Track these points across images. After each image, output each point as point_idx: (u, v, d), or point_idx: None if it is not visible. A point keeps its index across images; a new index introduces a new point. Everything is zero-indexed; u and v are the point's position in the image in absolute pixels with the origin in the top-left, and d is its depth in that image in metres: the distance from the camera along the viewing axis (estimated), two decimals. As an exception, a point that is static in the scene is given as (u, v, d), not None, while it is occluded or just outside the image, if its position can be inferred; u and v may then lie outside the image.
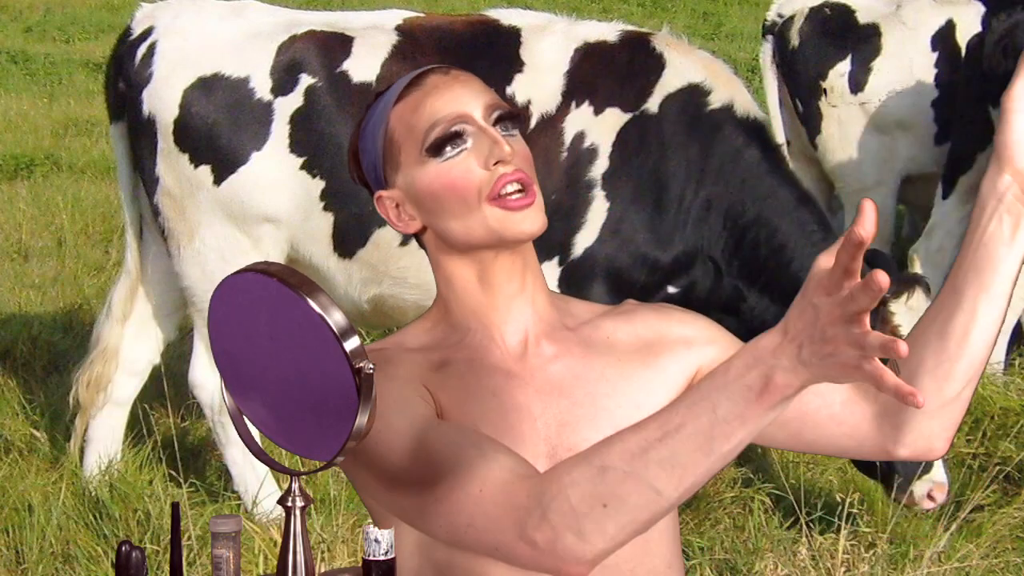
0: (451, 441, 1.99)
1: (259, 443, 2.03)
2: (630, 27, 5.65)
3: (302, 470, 1.94)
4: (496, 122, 2.13)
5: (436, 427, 2.03)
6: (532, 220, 2.11)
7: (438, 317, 2.22)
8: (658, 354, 2.21)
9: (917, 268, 7.11)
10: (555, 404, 2.15)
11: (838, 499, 5.07)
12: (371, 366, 1.89)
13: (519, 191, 2.10)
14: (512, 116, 2.14)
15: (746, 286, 5.33)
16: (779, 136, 7.12)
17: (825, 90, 7.69)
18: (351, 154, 2.23)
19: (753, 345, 1.73)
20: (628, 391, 2.16)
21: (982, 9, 7.48)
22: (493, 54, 5.38)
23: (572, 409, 2.15)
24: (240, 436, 2.00)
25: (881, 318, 5.11)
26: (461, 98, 2.14)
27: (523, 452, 2.09)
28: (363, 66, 5.39)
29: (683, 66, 5.43)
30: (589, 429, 2.12)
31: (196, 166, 5.39)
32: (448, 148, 2.11)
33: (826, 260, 1.66)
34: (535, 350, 2.18)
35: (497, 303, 2.18)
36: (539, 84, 5.37)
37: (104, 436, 5.77)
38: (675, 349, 2.21)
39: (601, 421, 2.13)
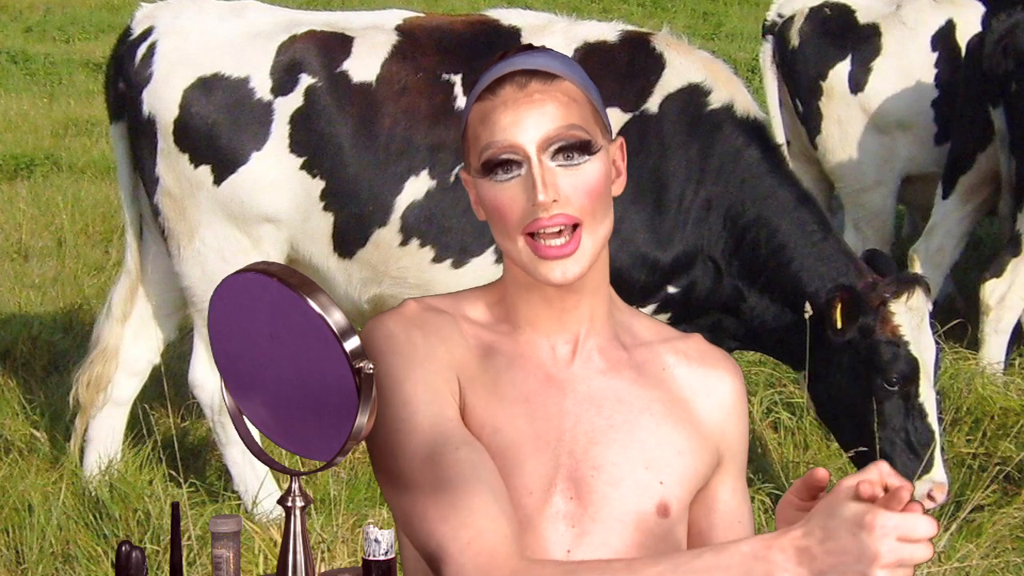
0: (466, 472, 1.98)
1: (259, 443, 2.04)
2: (630, 27, 5.65)
3: (302, 470, 1.94)
4: (556, 153, 2.07)
5: (457, 446, 2.01)
6: (564, 270, 2.06)
7: (498, 299, 2.19)
8: (702, 420, 2.19)
9: (917, 268, 7.11)
10: (590, 420, 2.13)
11: (838, 499, 5.05)
12: (371, 366, 1.89)
13: (558, 234, 2.06)
14: (577, 147, 2.07)
15: (746, 286, 5.33)
16: (779, 136, 7.12)
17: (825, 90, 7.69)
18: None
19: (768, 541, 1.79)
20: (671, 435, 2.14)
21: (982, 9, 7.48)
22: (493, 54, 5.37)
23: (606, 430, 2.12)
24: (240, 436, 2.00)
25: (881, 318, 5.11)
26: (521, 125, 2.07)
27: (543, 461, 2.09)
28: (363, 66, 5.39)
29: (683, 66, 5.43)
30: (618, 454, 2.11)
31: (196, 166, 5.39)
32: (500, 172, 2.08)
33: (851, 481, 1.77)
34: (584, 359, 2.15)
35: (550, 312, 2.15)
36: (539, 84, 5.37)
37: (104, 436, 5.76)
38: (712, 434, 2.19)
39: (632, 451, 2.12)
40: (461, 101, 5.33)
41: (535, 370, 2.14)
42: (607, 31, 5.52)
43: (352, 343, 1.88)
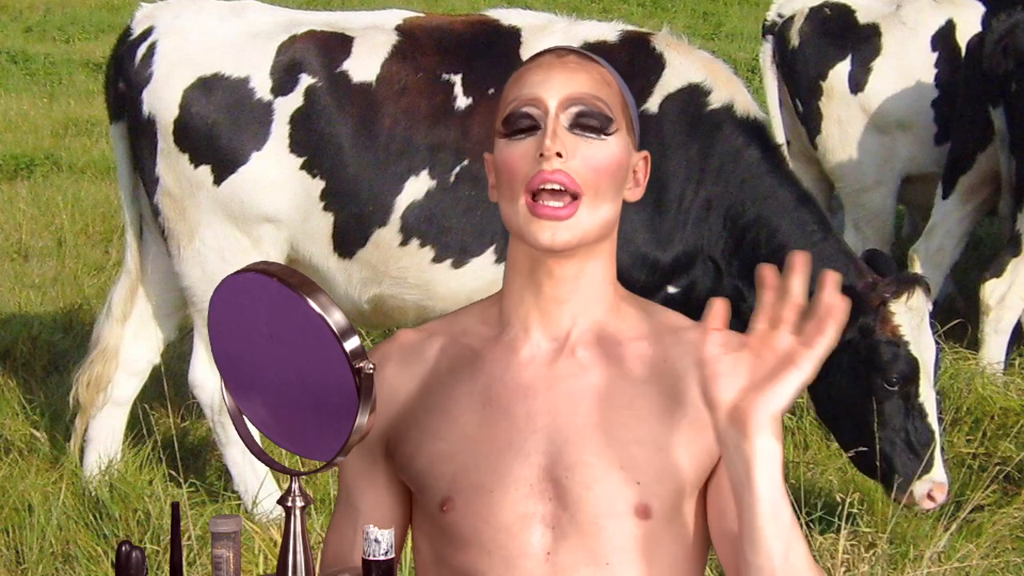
0: (332, 534, 2.20)
1: (259, 443, 2.04)
2: (630, 27, 5.65)
3: (302, 470, 1.95)
4: (575, 118, 2.07)
5: (342, 511, 2.19)
6: (554, 234, 2.05)
7: (495, 300, 2.20)
8: (699, 414, 2.08)
9: (917, 268, 7.11)
10: (566, 419, 2.09)
11: (838, 499, 5.07)
12: (371, 366, 1.89)
13: (560, 194, 2.05)
14: (596, 120, 2.08)
15: (746, 286, 5.32)
16: (779, 136, 7.12)
17: (825, 90, 7.69)
18: None
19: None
20: (654, 431, 2.09)
21: (982, 9, 7.48)
22: (493, 54, 5.38)
23: (582, 429, 2.08)
24: (240, 436, 2.00)
25: (881, 318, 5.11)
26: (548, 83, 2.09)
27: (503, 461, 2.08)
28: (363, 66, 5.39)
29: (683, 66, 5.43)
30: (591, 453, 2.07)
31: (196, 166, 5.39)
32: (517, 132, 2.08)
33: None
34: (568, 357, 2.12)
35: (540, 305, 2.13)
36: (539, 84, 5.36)
37: (104, 436, 5.76)
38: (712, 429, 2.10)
39: (609, 450, 2.07)
40: (461, 101, 5.33)
41: (505, 374, 2.12)
42: (607, 31, 5.52)
43: (352, 343, 1.88)
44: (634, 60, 5.44)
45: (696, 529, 2.11)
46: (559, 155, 2.04)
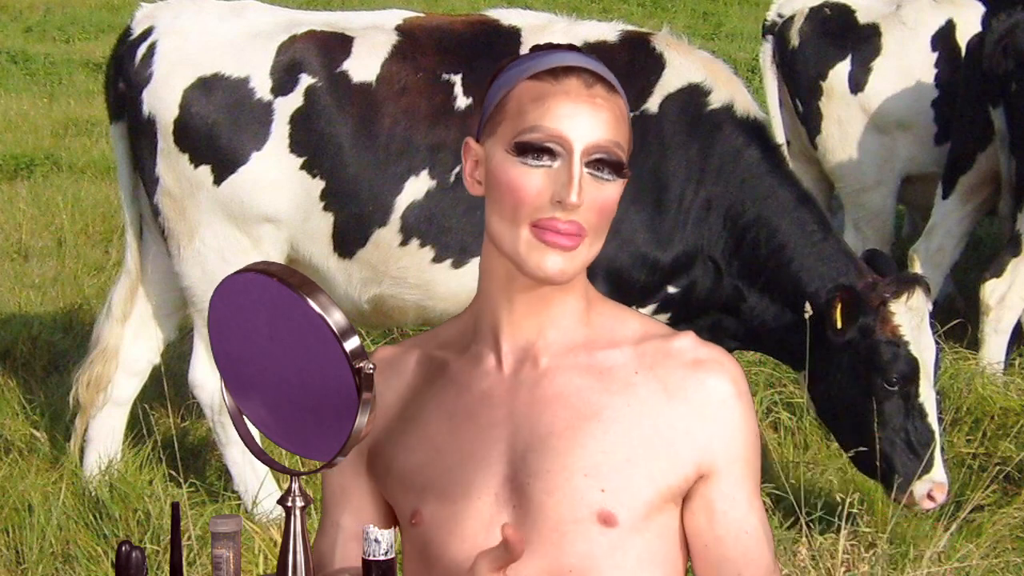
0: (321, 536, 2.21)
1: (259, 443, 2.04)
2: (630, 27, 5.65)
3: (302, 470, 1.95)
4: (593, 162, 2.03)
5: (326, 515, 2.21)
6: (554, 263, 2.02)
7: (474, 305, 2.18)
8: (671, 427, 2.08)
9: (917, 268, 7.11)
10: (530, 427, 2.08)
11: (838, 499, 5.07)
12: (371, 366, 1.89)
13: (565, 233, 2.02)
14: (612, 165, 2.04)
15: (746, 286, 5.33)
16: (779, 136, 7.12)
17: (825, 90, 7.69)
18: (488, 81, 2.15)
19: None
20: (621, 442, 2.06)
21: (982, 9, 7.48)
22: (493, 54, 5.38)
23: (546, 437, 2.07)
24: (240, 436, 2.00)
25: (881, 318, 5.11)
26: (577, 120, 2.03)
27: (469, 470, 2.08)
28: (363, 66, 5.39)
29: (683, 66, 5.43)
30: (554, 461, 2.05)
31: (196, 166, 5.39)
32: (532, 156, 2.03)
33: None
34: (532, 366, 2.11)
35: (511, 318, 2.11)
36: (539, 84, 5.36)
37: (104, 436, 5.77)
38: (688, 441, 2.08)
39: (572, 458, 2.05)
40: (461, 101, 5.33)
41: (471, 385, 2.12)
42: (607, 31, 5.52)
43: (352, 343, 1.88)
44: (634, 60, 5.44)
45: (668, 543, 2.09)
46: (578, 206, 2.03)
